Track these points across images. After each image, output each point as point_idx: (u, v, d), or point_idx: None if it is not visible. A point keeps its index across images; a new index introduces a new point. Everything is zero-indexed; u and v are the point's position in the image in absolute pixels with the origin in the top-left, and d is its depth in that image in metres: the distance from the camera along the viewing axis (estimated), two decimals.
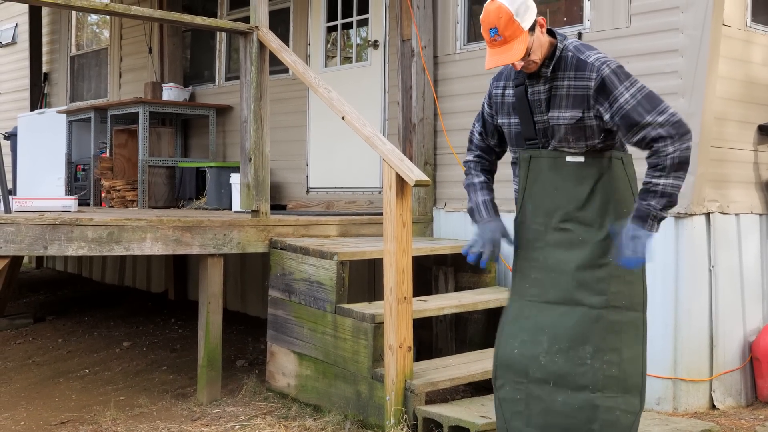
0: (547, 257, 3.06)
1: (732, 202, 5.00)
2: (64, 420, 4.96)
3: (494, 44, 2.89)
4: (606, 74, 2.89)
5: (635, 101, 2.86)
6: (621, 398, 2.96)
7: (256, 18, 5.20)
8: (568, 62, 2.96)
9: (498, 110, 3.19)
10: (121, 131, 7.94)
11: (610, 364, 2.95)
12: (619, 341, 2.98)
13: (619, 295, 2.99)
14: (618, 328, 2.98)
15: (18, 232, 4.44)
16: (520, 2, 2.87)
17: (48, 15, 11.09)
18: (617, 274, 2.98)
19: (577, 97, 2.94)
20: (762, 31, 5.16)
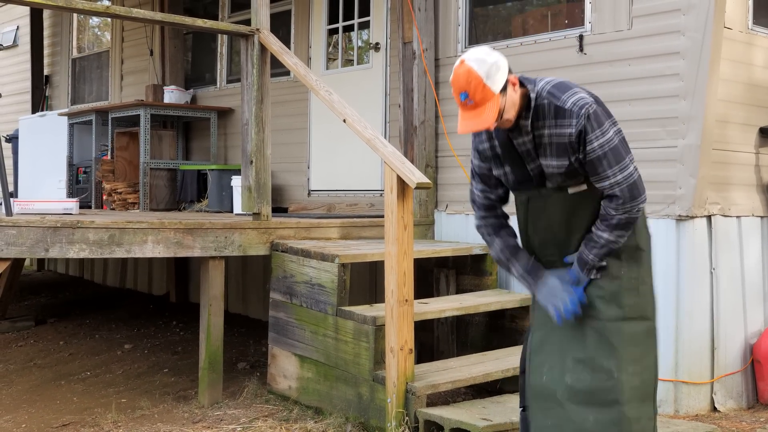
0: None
1: (733, 204, 5.00)
2: (65, 422, 4.96)
3: (465, 108, 2.83)
4: (583, 123, 2.83)
5: (602, 152, 2.83)
6: (643, 408, 2.96)
7: (258, 20, 5.21)
8: (545, 110, 2.89)
9: (491, 163, 3.11)
10: (123, 134, 7.94)
11: (634, 375, 2.95)
12: (639, 352, 2.99)
13: (634, 307, 3.00)
14: (636, 339, 2.99)
15: (19, 235, 4.45)
16: (491, 63, 2.79)
17: (49, 17, 11.10)
18: (630, 287, 3.00)
19: (560, 145, 2.89)
20: (763, 34, 5.16)
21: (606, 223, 2.91)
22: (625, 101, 4.94)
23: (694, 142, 4.68)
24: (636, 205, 2.88)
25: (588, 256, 2.95)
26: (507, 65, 2.84)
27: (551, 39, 5.40)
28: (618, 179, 2.85)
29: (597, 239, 2.93)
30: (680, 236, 4.74)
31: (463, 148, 5.83)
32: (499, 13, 6.21)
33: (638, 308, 3.01)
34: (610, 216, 2.89)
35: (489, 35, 6.02)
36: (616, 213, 2.88)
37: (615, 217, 2.89)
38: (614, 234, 2.91)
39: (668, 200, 4.76)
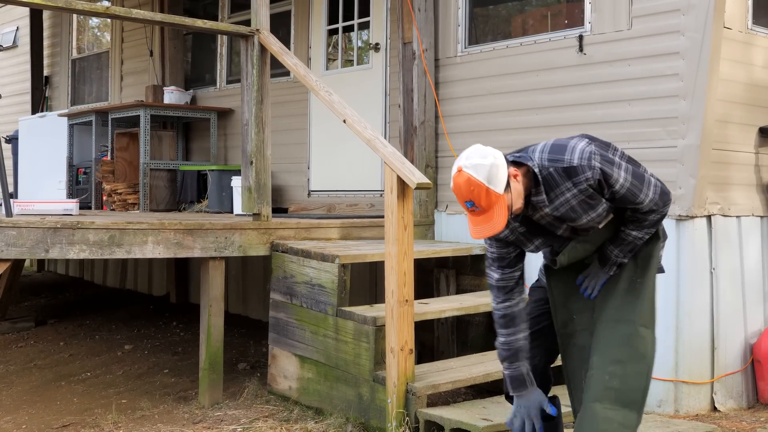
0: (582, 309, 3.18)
1: (733, 204, 5.01)
2: (65, 423, 4.96)
3: (474, 214, 2.80)
4: (599, 169, 2.83)
5: (628, 184, 2.91)
6: (620, 412, 2.92)
7: (257, 21, 5.21)
8: (556, 178, 2.87)
9: (517, 242, 3.10)
10: (123, 134, 7.94)
11: (613, 376, 2.94)
12: (626, 354, 2.96)
13: (633, 310, 3.03)
14: (627, 341, 2.98)
15: (19, 236, 4.45)
16: (489, 166, 2.75)
17: (49, 18, 11.10)
18: (633, 290, 3.05)
19: (585, 202, 2.90)
20: (763, 34, 5.16)
21: (637, 224, 3.01)
22: (625, 101, 4.95)
23: (694, 142, 4.68)
24: (666, 208, 3.01)
25: (613, 252, 3.05)
26: (503, 160, 2.81)
27: (551, 39, 5.40)
28: (651, 196, 2.95)
29: (625, 237, 3.03)
30: (680, 236, 4.74)
31: (463, 148, 5.78)
32: (499, 14, 6.21)
33: (633, 310, 3.02)
34: (643, 222, 3.00)
35: (489, 35, 6.02)
36: (650, 218, 3.00)
37: (649, 220, 3.00)
38: (644, 231, 3.02)
39: None
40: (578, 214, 2.92)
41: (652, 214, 2.98)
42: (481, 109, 5.68)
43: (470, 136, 5.75)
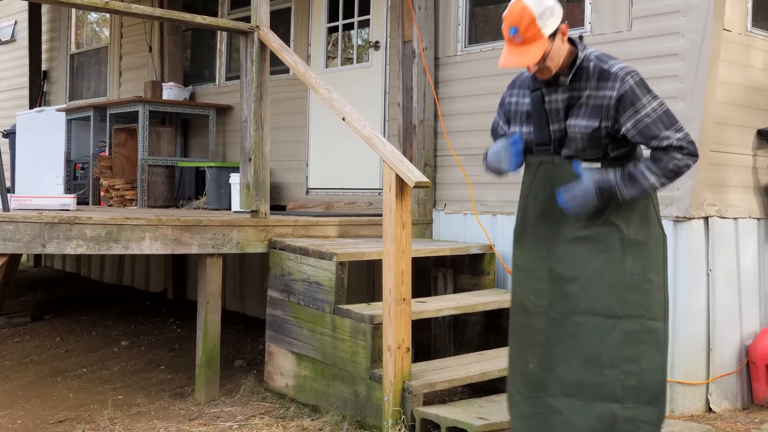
0: (554, 267, 3.01)
1: (730, 206, 5.01)
2: (61, 419, 4.96)
3: (512, 44, 2.87)
4: (630, 86, 2.87)
5: (656, 115, 2.86)
6: (641, 409, 2.91)
7: (257, 18, 5.21)
8: (590, 72, 2.94)
9: (510, 118, 3.15)
10: (121, 130, 7.94)
11: (629, 375, 2.90)
12: (638, 351, 2.93)
13: (635, 304, 2.94)
14: (636, 338, 2.93)
15: (16, 230, 4.44)
16: (547, 6, 2.86)
17: (48, 13, 11.08)
18: (633, 283, 2.94)
19: (596, 107, 2.91)
20: (762, 36, 5.17)
21: (657, 164, 2.86)
22: None
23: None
24: (691, 160, 2.85)
25: (616, 181, 2.87)
26: (561, 14, 2.90)
27: None
28: (678, 136, 2.85)
29: (638, 175, 2.86)
30: (677, 237, 4.75)
31: (462, 147, 5.84)
32: (500, 13, 6.21)
33: (640, 306, 2.94)
34: (666, 160, 2.84)
35: (489, 34, 6.02)
36: (673, 157, 2.83)
37: (673, 161, 2.84)
38: (659, 178, 2.85)
39: (666, 201, 4.76)
40: (578, 115, 2.94)
41: (677, 154, 2.83)
42: (480, 108, 5.68)
43: (469, 136, 5.76)
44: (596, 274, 2.94)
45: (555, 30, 2.88)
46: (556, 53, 2.92)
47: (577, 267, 2.97)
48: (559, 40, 2.91)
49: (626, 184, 2.88)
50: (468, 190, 5.74)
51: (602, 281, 2.94)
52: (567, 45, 2.96)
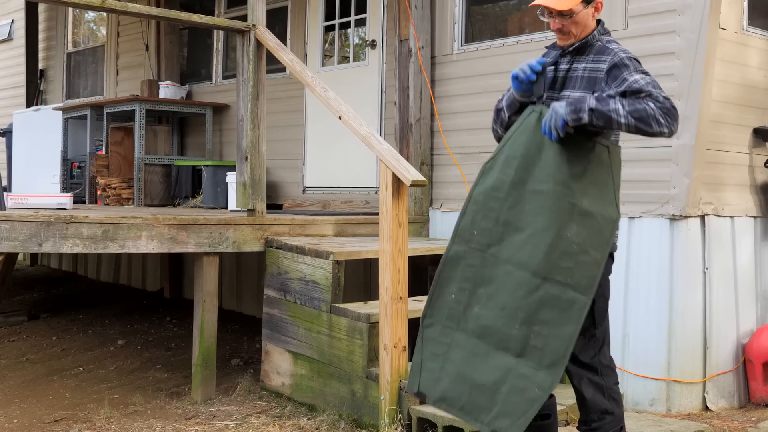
0: (502, 211, 3.04)
1: (727, 204, 5.02)
2: (57, 418, 4.95)
3: None
4: (620, 58, 3.01)
5: (644, 81, 2.94)
6: (537, 371, 2.93)
7: (254, 16, 5.20)
8: (593, 49, 3.10)
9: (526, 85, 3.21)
10: (118, 129, 7.92)
11: (537, 336, 2.94)
12: (553, 316, 2.94)
13: (565, 271, 2.94)
14: (555, 304, 2.94)
15: (12, 229, 4.44)
16: None
17: (44, 11, 11.06)
18: (571, 251, 2.94)
19: (590, 79, 3.05)
20: (758, 35, 5.17)
21: (630, 101, 2.88)
22: None
23: (689, 142, 4.69)
24: (665, 119, 2.87)
25: (588, 101, 2.91)
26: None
27: (547, 38, 5.39)
28: (657, 92, 2.90)
29: (608, 98, 2.90)
30: (674, 236, 4.75)
31: (459, 146, 5.84)
32: (496, 12, 6.21)
33: (570, 275, 2.93)
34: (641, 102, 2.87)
35: (485, 33, 6.02)
36: (647, 104, 2.86)
37: (645, 105, 2.86)
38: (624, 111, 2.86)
39: (662, 200, 4.77)
40: (573, 86, 3.08)
41: (650, 102, 2.86)
42: (477, 107, 5.68)
43: (466, 134, 5.76)
44: (539, 231, 2.97)
45: (592, 2, 3.06)
46: (584, 21, 3.07)
47: (526, 219, 3.00)
48: (592, 10, 3.09)
49: (596, 99, 2.92)
50: (464, 188, 5.74)
51: (542, 240, 2.95)
52: (593, 23, 3.11)
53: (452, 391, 3.05)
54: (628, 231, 4.90)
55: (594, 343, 3.10)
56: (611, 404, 3.11)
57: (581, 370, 3.11)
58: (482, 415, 2.97)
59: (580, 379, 3.11)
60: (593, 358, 3.10)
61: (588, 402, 3.11)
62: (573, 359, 3.06)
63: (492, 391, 2.96)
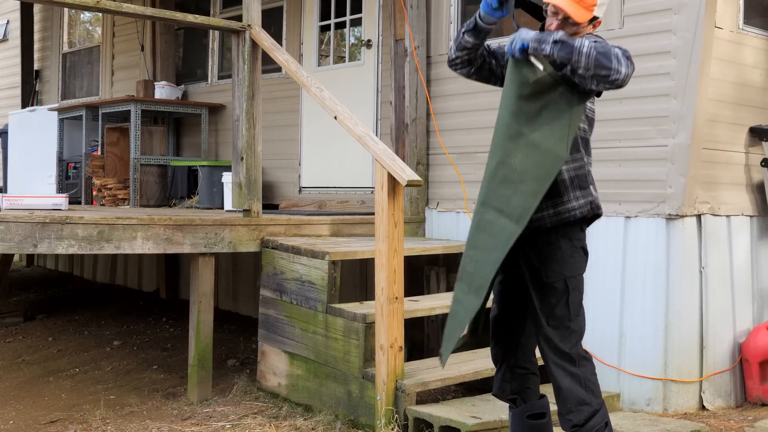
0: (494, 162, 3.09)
1: (723, 203, 5.02)
2: (53, 419, 4.94)
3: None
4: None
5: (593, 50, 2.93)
6: (467, 296, 3.04)
7: (249, 16, 5.19)
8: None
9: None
10: (113, 129, 7.91)
11: (471, 260, 3.04)
12: (483, 240, 3.02)
13: (502, 198, 2.99)
14: (488, 228, 3.01)
15: (7, 230, 4.42)
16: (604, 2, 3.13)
17: (40, 12, 11.05)
18: (512, 179, 2.98)
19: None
20: (754, 34, 5.17)
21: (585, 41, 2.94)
22: (616, 99, 4.94)
23: (685, 141, 4.69)
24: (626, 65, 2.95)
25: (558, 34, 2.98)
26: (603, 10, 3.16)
27: None
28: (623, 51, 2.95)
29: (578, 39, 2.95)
30: (670, 235, 4.75)
31: (455, 146, 5.83)
32: None
33: (504, 201, 2.98)
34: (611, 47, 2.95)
35: None
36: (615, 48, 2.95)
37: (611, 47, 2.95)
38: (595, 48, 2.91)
39: (658, 199, 4.77)
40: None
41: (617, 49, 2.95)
42: (472, 107, 5.68)
43: (462, 134, 5.75)
44: (490, 158, 3.04)
45: (595, 17, 3.13)
46: (581, 34, 3.11)
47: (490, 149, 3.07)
48: (591, 27, 3.16)
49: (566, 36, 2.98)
50: (461, 188, 5.74)
51: (488, 166, 3.03)
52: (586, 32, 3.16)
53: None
54: (624, 230, 4.90)
55: (571, 335, 3.14)
56: (588, 395, 3.12)
57: (560, 360, 3.12)
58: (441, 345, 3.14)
59: (558, 369, 3.12)
60: (572, 348, 3.13)
61: (564, 392, 3.12)
62: (552, 348, 3.11)
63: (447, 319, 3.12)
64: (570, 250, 3.14)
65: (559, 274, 3.11)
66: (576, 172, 3.14)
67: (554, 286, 3.11)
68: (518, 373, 3.33)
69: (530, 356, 3.36)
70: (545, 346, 3.15)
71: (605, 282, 4.91)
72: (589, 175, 3.20)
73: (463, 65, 3.38)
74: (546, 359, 3.16)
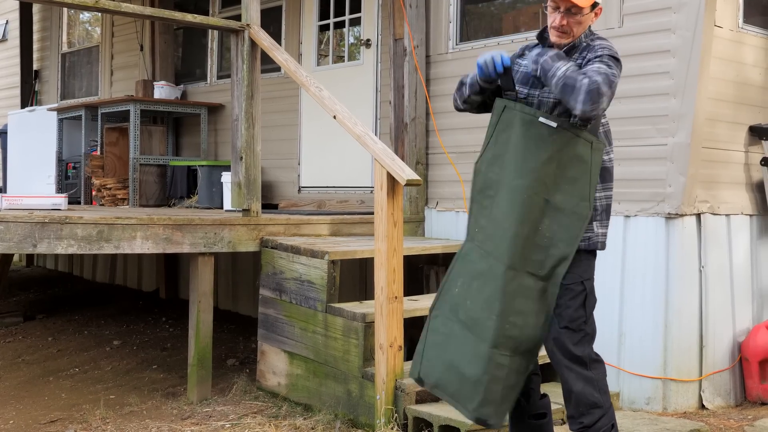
0: (493, 208, 3.17)
1: (722, 202, 5.02)
2: (53, 419, 4.94)
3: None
4: (599, 55, 3.08)
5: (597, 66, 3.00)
6: (513, 358, 3.10)
7: (248, 16, 5.19)
8: (579, 49, 3.19)
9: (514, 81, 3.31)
10: (112, 129, 7.91)
11: (513, 326, 3.09)
12: (526, 307, 3.10)
13: (536, 263, 3.10)
14: (528, 294, 3.10)
15: (7, 230, 4.42)
16: None
17: (39, 12, 11.04)
18: (542, 244, 3.09)
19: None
20: (753, 33, 5.17)
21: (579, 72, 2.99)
22: (616, 99, 4.89)
23: (684, 140, 4.69)
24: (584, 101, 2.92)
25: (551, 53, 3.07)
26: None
27: None
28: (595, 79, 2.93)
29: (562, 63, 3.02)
30: (669, 234, 4.75)
31: (454, 145, 5.83)
32: (490, 11, 6.20)
33: (539, 266, 3.10)
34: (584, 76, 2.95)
35: (480, 32, 6.01)
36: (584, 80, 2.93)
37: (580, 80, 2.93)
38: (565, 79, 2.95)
39: (658, 198, 4.77)
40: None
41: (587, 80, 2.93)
42: None
43: (461, 133, 5.75)
44: (514, 224, 3.10)
45: (596, 3, 3.15)
46: (585, 23, 3.16)
47: (504, 214, 3.13)
48: (593, 15, 3.18)
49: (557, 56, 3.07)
50: (460, 187, 5.74)
51: (516, 233, 3.09)
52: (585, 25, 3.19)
53: (444, 379, 3.22)
54: (624, 229, 4.90)
55: (584, 338, 3.17)
56: (602, 397, 3.14)
57: (572, 364, 3.14)
58: (468, 404, 3.14)
59: (570, 373, 3.13)
60: (584, 351, 3.16)
61: (577, 395, 3.13)
62: (565, 352, 3.11)
63: (474, 381, 3.11)
64: (585, 253, 3.20)
65: (576, 276, 3.16)
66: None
67: (571, 288, 3.15)
68: None
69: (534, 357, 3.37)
70: (557, 349, 3.17)
71: (605, 281, 4.90)
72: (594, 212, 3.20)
73: (472, 108, 3.46)
74: (557, 363, 3.17)
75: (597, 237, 3.22)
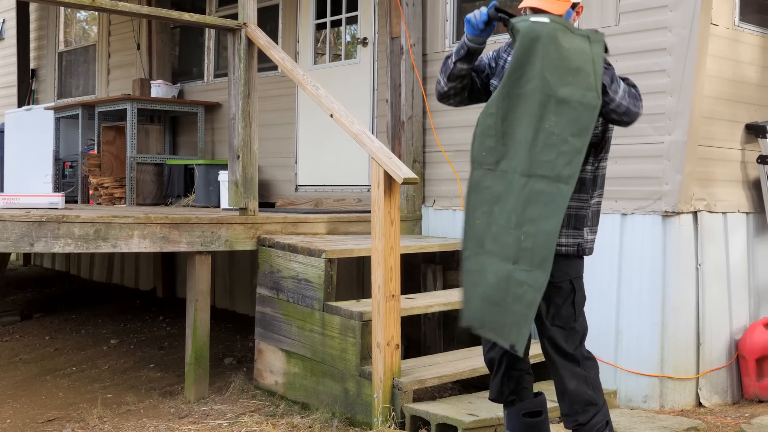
0: (497, 125, 3.06)
1: (719, 200, 5.02)
2: (50, 418, 4.94)
3: None
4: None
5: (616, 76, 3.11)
6: (530, 273, 2.96)
7: (245, 15, 5.19)
8: None
9: (497, 73, 3.31)
10: (109, 128, 7.90)
11: (527, 236, 2.96)
12: (538, 212, 2.96)
13: (547, 164, 2.97)
14: (539, 199, 2.97)
15: (4, 229, 4.42)
16: None
17: (36, 11, 11.03)
18: (551, 143, 2.97)
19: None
20: (750, 30, 5.18)
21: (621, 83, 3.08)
22: None
23: (681, 138, 4.70)
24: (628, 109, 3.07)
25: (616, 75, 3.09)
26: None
27: None
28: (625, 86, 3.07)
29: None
30: (666, 232, 4.75)
31: (451, 143, 5.83)
32: None
33: (550, 167, 2.97)
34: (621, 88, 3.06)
35: None
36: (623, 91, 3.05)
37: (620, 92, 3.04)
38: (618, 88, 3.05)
39: (654, 196, 4.77)
40: None
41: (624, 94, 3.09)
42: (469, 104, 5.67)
43: (458, 132, 5.75)
44: (523, 130, 3.01)
45: (577, 2, 3.17)
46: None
47: (514, 124, 3.04)
48: (574, 14, 3.19)
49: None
50: (457, 186, 5.74)
51: (525, 139, 3.00)
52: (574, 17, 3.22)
53: (484, 315, 3.06)
54: (621, 227, 4.90)
55: (575, 335, 3.16)
56: (595, 394, 3.14)
57: (564, 362, 3.14)
58: (504, 332, 3.00)
59: (563, 371, 3.13)
60: (576, 349, 3.15)
61: (571, 394, 3.13)
62: (557, 350, 3.11)
63: (503, 306, 2.99)
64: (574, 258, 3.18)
65: (565, 274, 3.14)
66: (576, 212, 3.16)
67: (560, 286, 3.13)
68: (514, 375, 3.33)
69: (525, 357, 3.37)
70: (549, 348, 3.16)
71: (601, 279, 4.91)
72: (586, 218, 3.19)
73: (457, 94, 3.35)
74: (550, 361, 3.17)
75: (586, 243, 3.21)
